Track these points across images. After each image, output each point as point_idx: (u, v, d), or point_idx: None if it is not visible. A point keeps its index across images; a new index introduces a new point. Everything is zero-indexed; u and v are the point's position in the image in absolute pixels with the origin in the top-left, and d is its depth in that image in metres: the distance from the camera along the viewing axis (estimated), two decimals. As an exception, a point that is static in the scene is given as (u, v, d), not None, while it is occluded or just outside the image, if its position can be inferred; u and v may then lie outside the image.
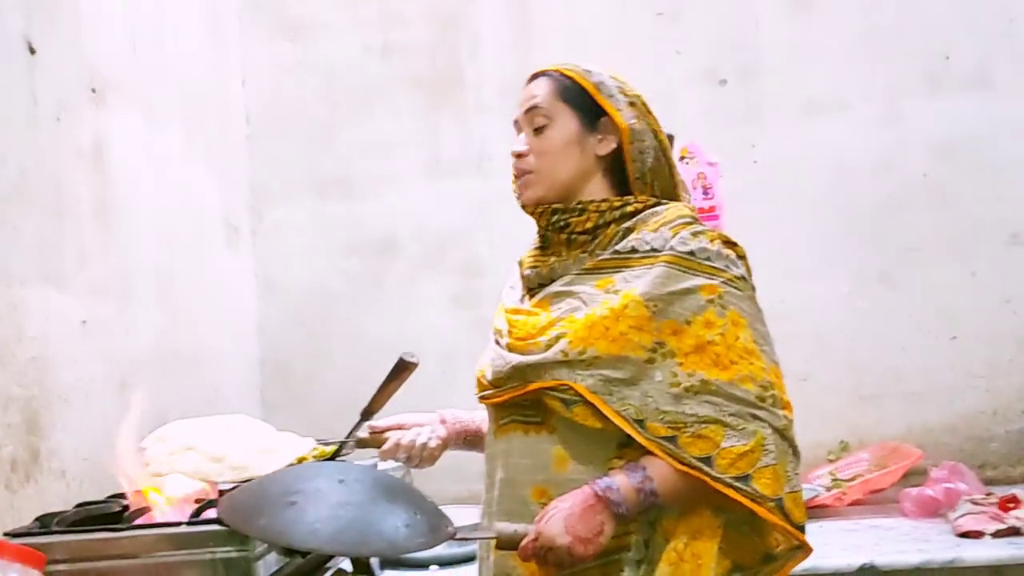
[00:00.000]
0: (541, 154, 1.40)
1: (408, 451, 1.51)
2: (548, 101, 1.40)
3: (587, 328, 1.29)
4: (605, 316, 1.29)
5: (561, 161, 1.39)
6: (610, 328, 1.28)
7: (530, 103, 1.41)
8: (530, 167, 1.40)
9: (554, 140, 1.39)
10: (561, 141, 1.39)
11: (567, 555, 1.23)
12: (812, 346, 2.46)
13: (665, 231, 1.34)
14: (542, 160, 1.40)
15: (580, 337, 1.29)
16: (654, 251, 1.32)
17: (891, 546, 1.90)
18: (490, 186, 2.67)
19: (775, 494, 1.24)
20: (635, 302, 1.28)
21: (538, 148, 1.40)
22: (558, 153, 1.39)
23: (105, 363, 1.85)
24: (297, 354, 2.70)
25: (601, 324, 1.28)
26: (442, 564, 2.04)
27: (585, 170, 1.40)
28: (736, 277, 1.32)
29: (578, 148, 1.39)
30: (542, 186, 1.40)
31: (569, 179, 1.39)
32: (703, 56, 2.60)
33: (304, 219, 2.72)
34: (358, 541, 1.23)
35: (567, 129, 1.39)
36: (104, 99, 1.90)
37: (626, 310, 1.28)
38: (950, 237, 2.49)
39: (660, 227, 1.34)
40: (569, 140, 1.39)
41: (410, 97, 2.70)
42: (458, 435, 1.56)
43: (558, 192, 1.39)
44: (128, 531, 1.29)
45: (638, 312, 1.28)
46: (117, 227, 1.92)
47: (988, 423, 2.45)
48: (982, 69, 2.51)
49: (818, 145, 2.55)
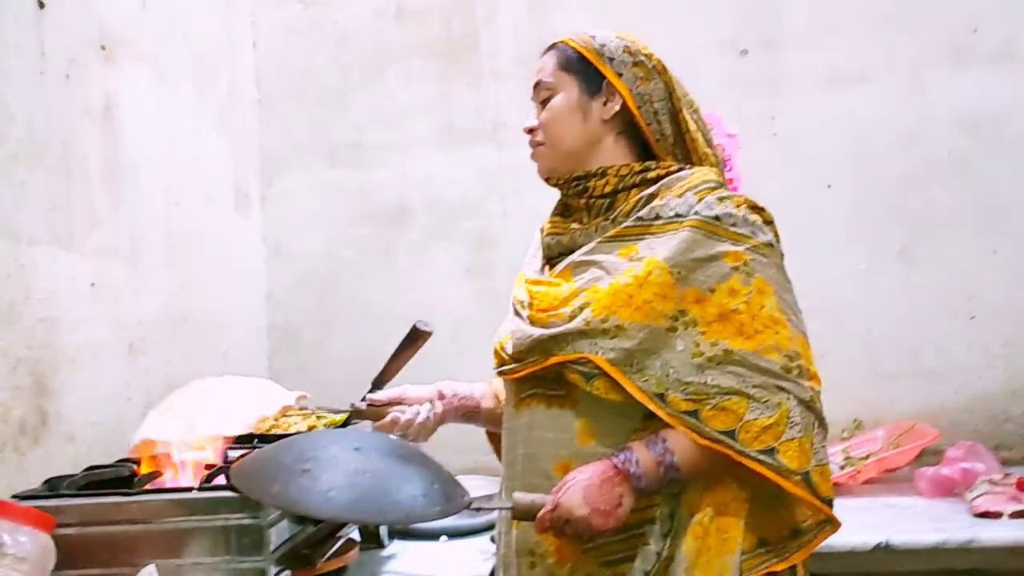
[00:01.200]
0: (546, 125, 1.39)
1: (405, 428, 1.50)
2: (551, 73, 1.40)
3: (610, 296, 1.26)
4: (629, 284, 1.26)
5: (564, 129, 1.38)
6: (634, 296, 1.25)
7: (536, 78, 1.42)
8: (540, 139, 1.40)
9: (556, 110, 1.38)
10: (563, 109, 1.38)
11: (586, 527, 1.21)
12: (828, 322, 2.41)
13: (690, 196, 1.30)
14: (548, 130, 1.39)
15: (603, 306, 1.26)
16: (679, 216, 1.29)
17: (907, 525, 1.87)
18: (504, 155, 2.62)
19: (801, 467, 1.21)
20: (660, 268, 1.25)
21: (544, 120, 1.40)
22: (562, 121, 1.38)
23: (113, 326, 1.83)
24: (305, 321, 2.67)
25: (624, 292, 1.25)
26: (451, 535, 2.02)
27: (592, 136, 1.38)
28: (763, 243, 1.28)
29: (580, 114, 1.37)
30: (552, 157, 1.39)
31: (576, 146, 1.38)
32: (724, 26, 2.54)
33: (314, 186, 2.68)
34: (374, 510, 1.21)
35: (568, 97, 1.38)
36: (114, 57, 1.86)
37: (650, 277, 1.25)
38: (972, 213, 2.44)
39: (685, 192, 1.31)
40: (571, 107, 1.38)
41: (423, 63, 2.65)
42: (456, 410, 1.55)
43: (569, 161, 1.38)
44: (139, 496, 1.27)
45: (663, 279, 1.25)
46: (126, 188, 1.89)
47: (1006, 403, 2.42)
48: (1009, 42, 2.44)
49: (839, 118, 2.49)
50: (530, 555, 1.32)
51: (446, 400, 1.54)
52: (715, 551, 1.23)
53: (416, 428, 1.50)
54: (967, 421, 2.42)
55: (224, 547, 1.24)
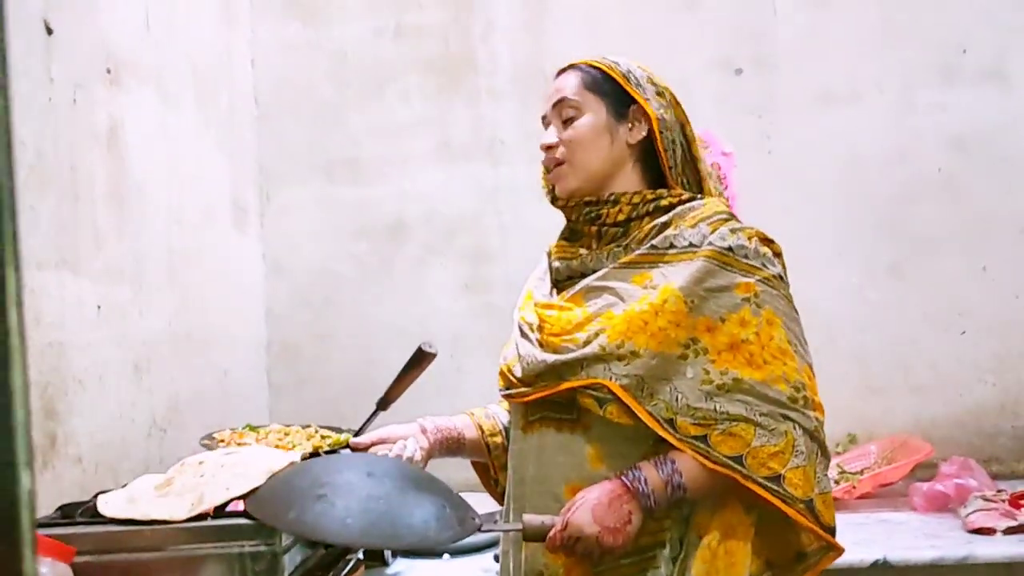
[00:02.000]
0: (572, 144, 1.39)
1: None
2: (577, 92, 1.40)
3: (626, 323, 1.28)
4: (644, 311, 1.28)
5: (593, 150, 1.38)
6: (649, 323, 1.27)
7: (558, 95, 1.41)
8: (562, 158, 1.40)
9: (584, 129, 1.38)
10: (592, 130, 1.38)
11: (595, 545, 1.22)
12: (822, 337, 2.43)
13: (703, 227, 1.33)
14: (574, 150, 1.39)
15: (619, 332, 1.28)
16: (692, 246, 1.32)
17: (903, 541, 1.91)
18: (500, 171, 2.65)
19: (806, 495, 1.24)
20: (675, 296, 1.28)
21: (568, 138, 1.39)
22: (590, 142, 1.38)
23: (119, 347, 1.84)
24: (304, 337, 2.69)
25: (640, 319, 1.28)
26: (454, 553, 2.04)
27: (617, 159, 1.39)
28: (773, 276, 1.31)
29: (608, 136, 1.38)
30: (576, 177, 1.39)
31: (602, 168, 1.39)
32: (719, 45, 2.58)
33: (313, 202, 2.69)
34: (390, 534, 1.22)
35: (597, 118, 1.38)
36: (119, 80, 1.86)
37: (666, 305, 1.27)
38: (962, 230, 2.49)
39: (698, 223, 1.34)
40: (599, 129, 1.38)
41: (421, 80, 2.67)
42: (440, 444, 1.53)
43: (592, 182, 1.39)
44: (154, 524, 1.28)
45: (677, 307, 1.27)
46: (130, 210, 1.90)
47: (996, 418, 2.47)
48: (998, 62, 2.50)
49: (832, 136, 2.54)
50: (539, 576, 1.34)
51: (428, 433, 1.53)
52: (723, 574, 1.26)
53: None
54: (958, 436, 2.46)
55: (239, 573, 1.25)
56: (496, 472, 1.57)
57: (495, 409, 1.60)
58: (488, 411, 1.60)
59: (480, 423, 1.57)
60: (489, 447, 1.56)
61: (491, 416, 1.58)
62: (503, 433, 1.56)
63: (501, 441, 1.55)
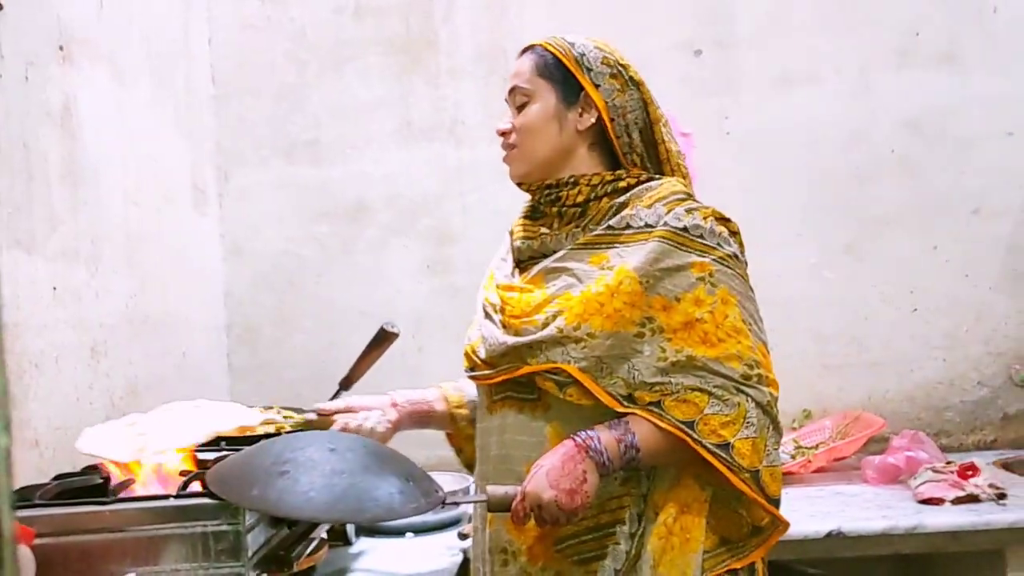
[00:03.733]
0: (522, 131, 1.41)
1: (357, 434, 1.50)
2: (529, 78, 1.41)
3: (582, 304, 1.29)
4: (600, 292, 1.29)
5: (540, 137, 1.40)
6: (605, 304, 1.29)
7: (513, 82, 1.43)
8: (514, 143, 1.42)
9: (532, 117, 1.40)
10: (539, 117, 1.40)
11: (555, 509, 1.24)
12: (779, 315, 2.45)
13: (659, 207, 1.34)
14: (522, 136, 1.41)
15: (576, 313, 1.29)
16: (648, 227, 1.33)
17: (855, 512, 1.95)
18: (463, 152, 2.65)
19: (752, 466, 1.26)
20: (630, 277, 1.29)
21: (519, 124, 1.41)
22: (537, 130, 1.40)
23: (75, 329, 1.81)
24: (264, 320, 2.67)
25: (596, 300, 1.29)
26: (417, 531, 2.05)
27: (567, 146, 1.40)
28: (728, 255, 1.33)
29: (557, 124, 1.39)
30: (524, 162, 1.42)
31: (549, 155, 1.40)
32: (680, 26, 2.60)
33: (272, 183, 2.67)
34: (354, 508, 1.23)
35: (545, 105, 1.40)
36: (72, 57, 1.83)
37: (621, 286, 1.29)
38: (915, 210, 2.55)
39: (654, 203, 1.35)
40: (548, 116, 1.39)
41: (382, 60, 2.66)
42: (410, 416, 1.57)
43: (541, 168, 1.41)
44: (114, 504, 1.27)
45: (632, 288, 1.29)
46: (86, 190, 1.87)
47: (945, 393, 2.53)
48: (951, 46, 2.54)
49: (790, 117, 2.57)
50: (503, 553, 1.36)
51: (399, 407, 1.56)
52: (679, 550, 1.28)
53: (367, 433, 1.51)
54: (909, 410, 2.53)
55: (202, 553, 1.25)
56: (459, 441, 1.60)
57: (463, 382, 1.62)
58: (457, 384, 1.63)
59: (447, 395, 1.60)
60: (455, 418, 1.59)
61: (459, 389, 1.62)
62: (469, 405, 1.59)
63: (467, 413, 1.58)
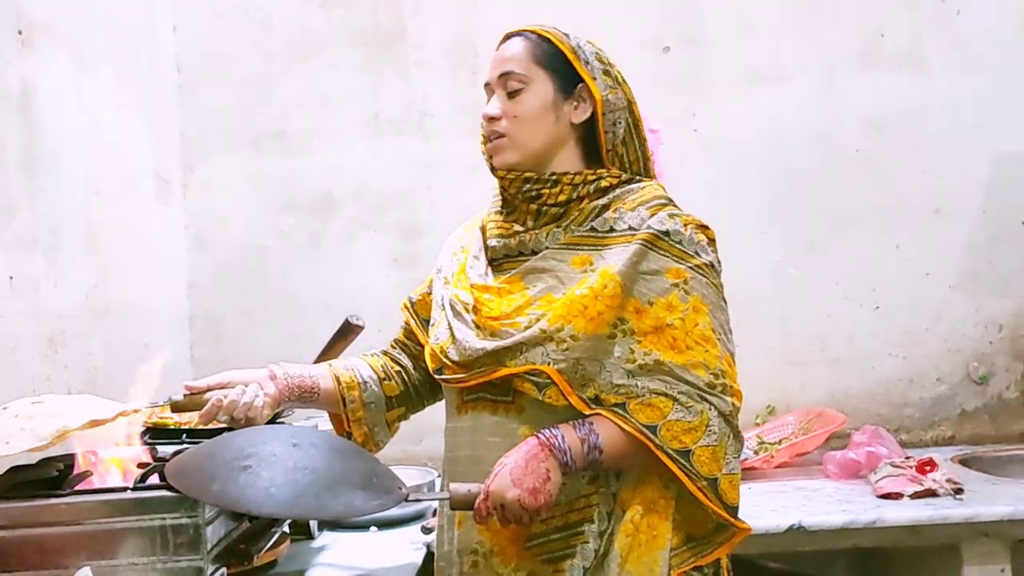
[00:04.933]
0: (516, 118, 1.36)
1: (230, 412, 1.38)
2: (524, 64, 1.36)
3: (566, 306, 1.29)
4: (584, 295, 1.29)
5: (536, 127, 1.36)
6: (588, 307, 1.28)
7: (505, 66, 1.37)
8: (504, 131, 1.37)
9: (530, 104, 1.36)
10: (537, 106, 1.35)
11: (519, 508, 1.23)
12: (744, 312, 2.46)
13: (642, 210, 1.34)
14: (516, 125, 1.36)
15: (559, 315, 1.28)
16: (631, 229, 1.33)
17: (817, 507, 1.98)
18: (431, 145, 2.64)
19: (711, 473, 1.26)
20: (614, 281, 1.29)
21: (513, 112, 1.36)
22: (533, 119, 1.35)
23: (32, 319, 1.78)
24: (229, 312, 2.64)
25: (580, 303, 1.28)
26: (381, 526, 2.04)
27: (559, 137, 1.37)
28: (704, 264, 1.32)
29: (553, 114, 1.36)
30: (516, 151, 1.36)
31: (543, 146, 1.37)
32: (648, 23, 2.60)
33: (238, 174, 2.63)
34: (316, 505, 1.22)
35: (543, 94, 1.36)
36: (31, 42, 1.79)
37: (605, 289, 1.28)
38: (878, 209, 2.58)
39: (637, 206, 1.35)
40: (545, 105, 1.36)
41: (350, 51, 2.63)
42: (290, 391, 1.46)
43: (531, 159, 1.37)
44: (70, 497, 1.25)
45: (614, 291, 1.28)
46: (44, 177, 1.83)
47: (905, 389, 2.57)
48: (914, 47, 2.58)
49: (756, 116, 2.59)
50: (473, 554, 1.35)
51: (277, 380, 1.45)
52: (645, 547, 1.28)
53: (243, 409, 1.39)
54: (870, 406, 2.57)
55: (160, 547, 1.23)
56: (349, 425, 1.52)
57: (356, 362, 1.56)
58: (348, 363, 1.55)
59: (338, 374, 1.52)
60: (344, 400, 1.51)
61: (350, 368, 1.54)
62: (361, 386, 1.52)
63: (358, 395, 1.51)
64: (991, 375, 2.56)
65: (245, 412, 1.39)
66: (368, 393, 1.52)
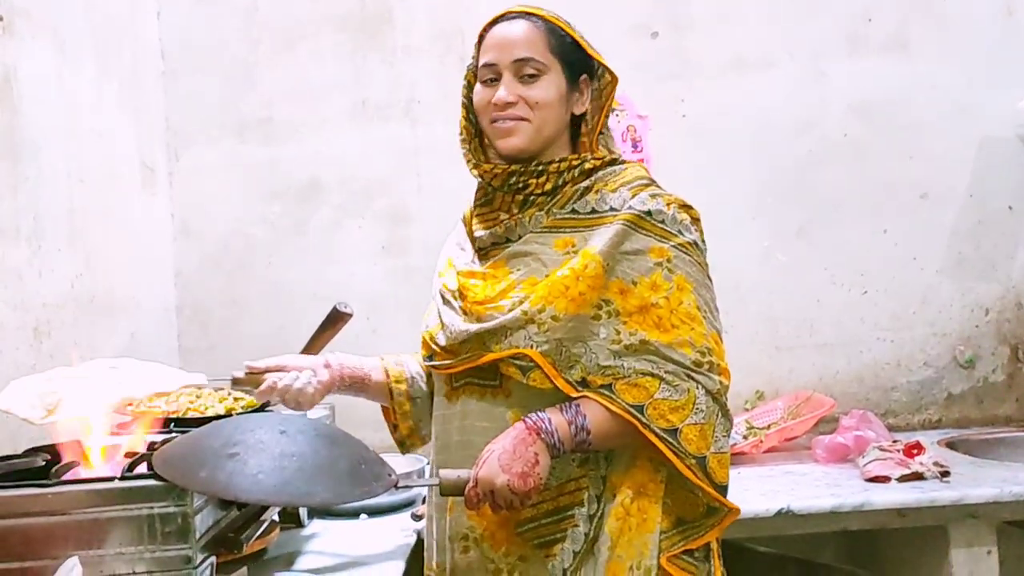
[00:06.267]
0: (537, 105, 1.35)
1: (283, 394, 1.47)
2: (542, 52, 1.35)
3: (548, 288, 1.29)
4: (566, 276, 1.29)
5: (551, 115, 1.36)
6: (570, 288, 1.28)
7: (523, 52, 1.35)
8: (523, 115, 1.35)
9: (550, 93, 1.36)
10: (555, 95, 1.36)
11: (509, 493, 1.23)
12: (733, 298, 2.52)
13: (624, 191, 1.34)
14: (537, 111, 1.35)
15: (541, 296, 1.29)
16: (613, 211, 1.33)
17: (805, 491, 1.99)
18: (419, 131, 2.62)
19: (699, 452, 1.27)
20: (594, 261, 1.29)
21: (534, 98, 1.35)
22: (551, 106, 1.36)
23: (16, 310, 1.76)
24: (215, 301, 2.62)
25: (562, 284, 1.28)
26: (371, 513, 2.04)
27: (563, 127, 1.40)
28: (687, 243, 1.33)
29: (564, 104, 1.38)
30: (531, 138, 1.36)
31: (552, 134, 1.38)
32: (636, 8, 2.59)
33: (223, 162, 2.61)
34: (304, 491, 1.22)
35: (559, 83, 1.37)
36: (11, 28, 1.77)
37: (586, 270, 1.29)
38: (865, 194, 2.59)
39: (619, 187, 1.35)
40: (560, 94, 1.37)
41: (335, 38, 2.61)
42: (342, 380, 1.52)
43: (540, 145, 1.38)
44: (58, 486, 1.24)
45: (596, 271, 1.29)
46: (26, 165, 1.81)
47: (892, 373, 2.59)
48: (901, 32, 2.58)
49: (744, 101, 2.59)
50: (464, 540, 1.35)
51: (332, 368, 1.51)
52: (636, 531, 1.28)
53: (295, 393, 1.46)
54: (858, 391, 2.58)
55: (149, 536, 1.22)
56: (395, 417, 1.57)
57: (406, 358, 1.60)
58: (399, 358, 1.60)
59: (387, 368, 1.57)
60: (392, 393, 1.56)
61: (400, 364, 1.58)
62: (408, 381, 1.56)
63: (406, 389, 1.56)
64: (977, 359, 2.58)
65: (296, 397, 1.47)
66: (415, 388, 1.56)
